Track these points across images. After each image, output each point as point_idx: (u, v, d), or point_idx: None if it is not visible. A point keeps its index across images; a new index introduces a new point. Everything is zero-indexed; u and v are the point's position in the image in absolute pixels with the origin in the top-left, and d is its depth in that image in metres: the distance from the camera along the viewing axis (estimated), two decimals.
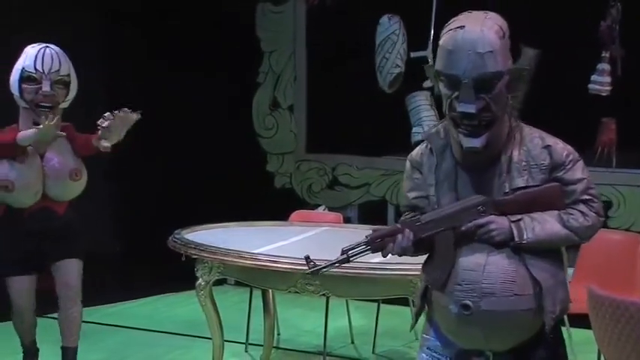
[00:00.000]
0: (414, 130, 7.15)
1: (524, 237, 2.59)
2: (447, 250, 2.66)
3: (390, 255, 2.70)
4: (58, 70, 4.48)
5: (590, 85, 6.42)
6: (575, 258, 5.14)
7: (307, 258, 2.78)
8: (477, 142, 2.58)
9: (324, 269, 2.79)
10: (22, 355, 4.78)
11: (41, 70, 4.43)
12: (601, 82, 6.39)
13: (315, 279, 4.32)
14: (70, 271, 4.60)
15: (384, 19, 7.10)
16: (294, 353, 5.74)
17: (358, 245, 2.71)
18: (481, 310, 2.60)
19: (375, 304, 5.72)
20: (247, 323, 5.72)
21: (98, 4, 7.74)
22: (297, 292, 4.50)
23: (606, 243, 5.18)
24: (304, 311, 6.38)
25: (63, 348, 4.69)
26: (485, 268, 2.60)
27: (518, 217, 2.61)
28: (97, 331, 6.08)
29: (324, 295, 4.60)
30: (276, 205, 7.00)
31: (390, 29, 7.03)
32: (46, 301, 4.71)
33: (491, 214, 2.63)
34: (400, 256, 2.70)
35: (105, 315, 6.55)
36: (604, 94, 6.41)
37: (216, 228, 5.29)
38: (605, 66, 6.40)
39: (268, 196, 8.04)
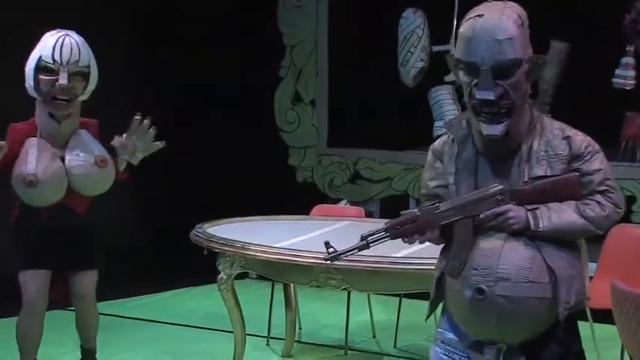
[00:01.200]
0: (436, 124, 7.15)
1: (540, 225, 2.60)
2: (466, 238, 2.67)
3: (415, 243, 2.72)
4: (78, 61, 4.18)
5: (615, 79, 6.38)
6: (598, 252, 5.11)
7: (327, 243, 2.80)
8: (496, 130, 2.60)
9: (343, 254, 2.81)
10: None
11: (59, 61, 4.15)
12: (625, 76, 6.36)
13: (337, 273, 4.32)
14: (87, 284, 4.44)
15: (409, 12, 7.09)
16: (316, 347, 5.74)
17: (377, 232, 2.72)
18: (495, 295, 2.60)
19: (397, 298, 5.71)
20: (269, 317, 5.72)
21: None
22: (319, 286, 4.50)
23: (630, 238, 5.15)
24: (326, 305, 6.38)
25: (82, 347, 4.65)
26: (501, 253, 2.61)
27: (535, 206, 2.62)
28: (121, 324, 6.11)
29: (345, 289, 4.60)
30: (297, 199, 7.00)
31: (416, 23, 7.03)
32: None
33: (509, 203, 2.63)
34: (421, 243, 2.74)
35: (128, 308, 6.58)
36: (628, 88, 6.38)
37: (238, 222, 5.29)
38: (629, 60, 6.37)
39: (290, 190, 8.05)
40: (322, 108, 8.30)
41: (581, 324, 2.83)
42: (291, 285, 5.42)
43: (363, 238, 2.73)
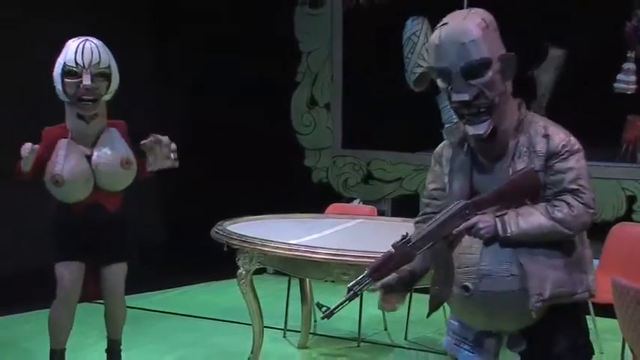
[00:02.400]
0: (446, 126, 7.12)
1: (509, 231, 2.56)
2: (446, 262, 2.65)
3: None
4: (99, 63, 4.28)
5: (616, 84, 6.36)
6: (600, 249, 5.10)
7: (318, 304, 2.83)
8: (480, 129, 2.60)
9: (336, 310, 2.83)
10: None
11: (81, 64, 4.26)
12: (626, 81, 6.34)
13: (350, 269, 4.32)
14: (117, 277, 4.50)
15: (408, 21, 7.07)
16: (330, 339, 5.75)
17: (362, 279, 2.75)
18: (480, 291, 2.60)
19: (408, 292, 5.70)
20: (285, 310, 5.74)
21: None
22: (333, 281, 4.49)
23: (630, 235, 5.14)
24: (340, 299, 6.36)
25: (109, 338, 4.68)
26: (482, 251, 2.60)
27: (504, 212, 2.59)
28: (145, 317, 6.13)
29: None
30: (313, 198, 7.00)
31: (412, 30, 7.00)
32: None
33: (477, 214, 2.60)
34: (409, 282, 2.81)
35: (152, 301, 6.60)
36: (629, 93, 6.35)
37: (257, 220, 5.30)
38: (630, 65, 6.34)
39: (306, 189, 8.05)
40: (337, 111, 8.30)
41: None
42: (307, 280, 5.43)
43: (349, 289, 2.77)
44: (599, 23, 6.35)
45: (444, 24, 2.63)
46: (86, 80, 4.25)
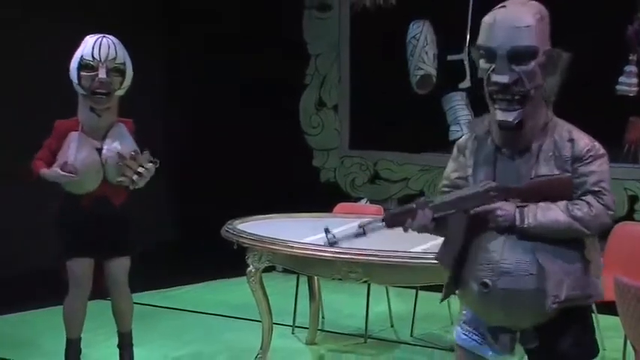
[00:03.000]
0: (451, 128, 7.13)
1: (525, 222, 2.57)
2: (457, 231, 2.67)
3: (410, 230, 2.72)
4: (115, 58, 4.34)
5: (618, 87, 6.35)
6: (603, 248, 5.08)
7: (326, 230, 2.80)
8: (510, 116, 2.60)
9: (341, 240, 2.81)
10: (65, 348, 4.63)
11: (98, 58, 4.31)
12: (628, 84, 6.32)
13: (358, 267, 4.32)
14: (119, 270, 4.52)
15: (410, 24, 7.07)
16: (338, 335, 5.74)
17: (375, 221, 2.74)
18: (498, 289, 2.60)
19: (414, 290, 5.70)
20: (294, 307, 5.74)
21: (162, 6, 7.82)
22: (341, 279, 4.50)
23: (632, 235, 5.12)
24: (347, 297, 6.37)
25: (119, 332, 4.70)
26: (504, 249, 2.61)
27: (525, 204, 2.60)
28: (156, 313, 6.14)
29: (365, 281, 4.60)
30: (321, 197, 7.00)
31: (412, 33, 7.00)
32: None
33: (503, 200, 2.62)
34: (419, 232, 2.72)
35: (163, 298, 6.61)
36: (631, 95, 6.33)
37: (266, 219, 5.30)
38: (632, 68, 6.33)
39: (314, 189, 8.04)
40: (344, 113, 8.29)
41: None
42: (315, 278, 5.43)
43: (361, 226, 2.75)
44: (602, 26, 6.34)
45: (502, 6, 2.64)
46: (102, 74, 4.31)
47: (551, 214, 2.57)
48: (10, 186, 6.23)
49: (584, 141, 2.63)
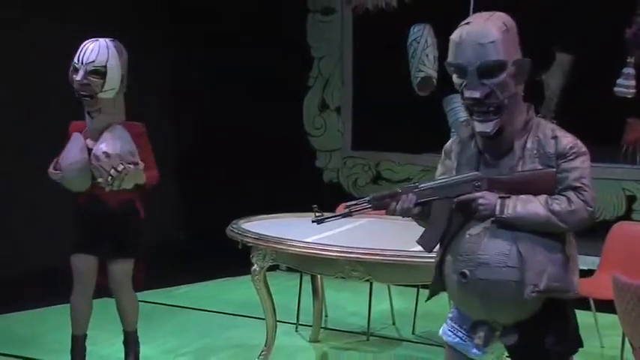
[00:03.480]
0: (452, 129, 7.11)
1: (505, 213, 2.60)
2: (441, 217, 2.70)
3: (393, 214, 2.74)
4: (93, 62, 4.28)
5: (616, 88, 6.33)
6: (601, 247, 5.08)
7: (314, 207, 2.87)
8: (487, 127, 2.64)
9: (328, 219, 2.88)
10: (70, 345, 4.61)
11: (79, 61, 4.31)
12: (627, 86, 6.30)
13: (360, 265, 4.32)
14: (120, 272, 4.49)
15: (412, 28, 7.06)
16: (340, 333, 5.74)
17: (361, 202, 2.77)
18: (476, 279, 2.62)
19: (415, 288, 5.70)
20: (298, 305, 5.74)
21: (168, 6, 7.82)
22: (344, 278, 4.50)
23: (630, 234, 5.12)
24: (350, 295, 6.38)
25: (124, 331, 4.68)
26: (483, 241, 2.63)
27: (507, 195, 2.62)
28: (162, 312, 6.14)
29: (367, 280, 4.59)
30: (324, 198, 6.92)
31: (413, 36, 6.98)
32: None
33: (486, 191, 2.64)
34: (402, 216, 2.75)
35: (169, 296, 6.61)
36: (629, 96, 6.32)
37: (270, 218, 5.29)
38: (630, 70, 6.31)
39: (317, 189, 8.05)
40: (347, 114, 8.30)
41: (584, 313, 2.82)
42: (318, 276, 5.42)
43: (347, 207, 2.79)
44: (600, 28, 6.34)
45: (466, 23, 2.66)
46: (78, 76, 4.31)
47: (530, 206, 2.59)
48: (10, 185, 6.24)
49: (567, 139, 2.64)
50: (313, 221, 2.90)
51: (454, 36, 2.66)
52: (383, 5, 7.70)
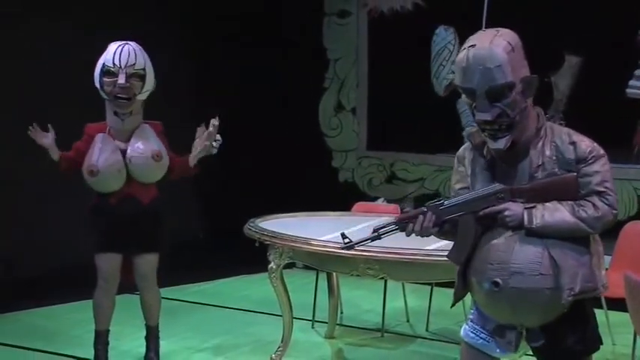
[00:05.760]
0: (466, 130, 7.10)
1: (534, 223, 2.58)
2: (467, 232, 2.68)
3: (413, 234, 2.73)
4: (134, 64, 4.35)
5: (629, 90, 6.31)
6: (613, 246, 5.05)
7: (343, 234, 2.83)
8: (500, 144, 2.62)
9: (357, 244, 2.84)
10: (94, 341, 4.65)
11: (118, 65, 4.34)
12: (638, 87, 6.28)
13: (375, 264, 4.31)
14: (147, 266, 4.54)
15: (441, 30, 7.05)
16: (356, 330, 5.74)
17: (388, 225, 2.75)
18: (509, 287, 2.60)
19: (429, 286, 5.69)
20: (314, 303, 5.73)
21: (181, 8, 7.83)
22: (359, 276, 4.49)
23: None
24: (365, 292, 6.37)
25: (147, 325, 4.72)
26: (514, 250, 2.61)
27: (533, 205, 2.61)
28: (182, 308, 6.15)
29: (382, 278, 4.59)
30: (340, 197, 7.00)
31: (447, 39, 6.99)
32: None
33: (510, 201, 2.63)
34: (422, 236, 2.72)
35: (188, 293, 6.62)
36: None
37: (287, 217, 5.30)
38: None
39: (333, 189, 8.05)
40: (362, 115, 8.30)
41: (596, 311, 2.80)
42: (334, 274, 5.42)
43: (375, 230, 2.76)
44: (613, 30, 6.30)
45: (471, 45, 2.61)
46: (121, 79, 4.33)
47: (558, 214, 2.58)
48: (14, 184, 6.24)
49: (585, 143, 2.63)
50: (342, 248, 2.86)
51: (460, 60, 2.63)
52: (398, 8, 7.71)
